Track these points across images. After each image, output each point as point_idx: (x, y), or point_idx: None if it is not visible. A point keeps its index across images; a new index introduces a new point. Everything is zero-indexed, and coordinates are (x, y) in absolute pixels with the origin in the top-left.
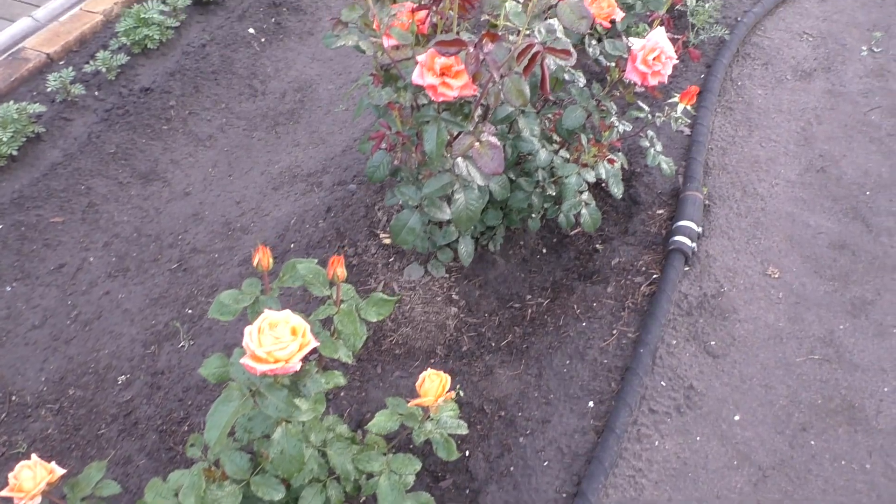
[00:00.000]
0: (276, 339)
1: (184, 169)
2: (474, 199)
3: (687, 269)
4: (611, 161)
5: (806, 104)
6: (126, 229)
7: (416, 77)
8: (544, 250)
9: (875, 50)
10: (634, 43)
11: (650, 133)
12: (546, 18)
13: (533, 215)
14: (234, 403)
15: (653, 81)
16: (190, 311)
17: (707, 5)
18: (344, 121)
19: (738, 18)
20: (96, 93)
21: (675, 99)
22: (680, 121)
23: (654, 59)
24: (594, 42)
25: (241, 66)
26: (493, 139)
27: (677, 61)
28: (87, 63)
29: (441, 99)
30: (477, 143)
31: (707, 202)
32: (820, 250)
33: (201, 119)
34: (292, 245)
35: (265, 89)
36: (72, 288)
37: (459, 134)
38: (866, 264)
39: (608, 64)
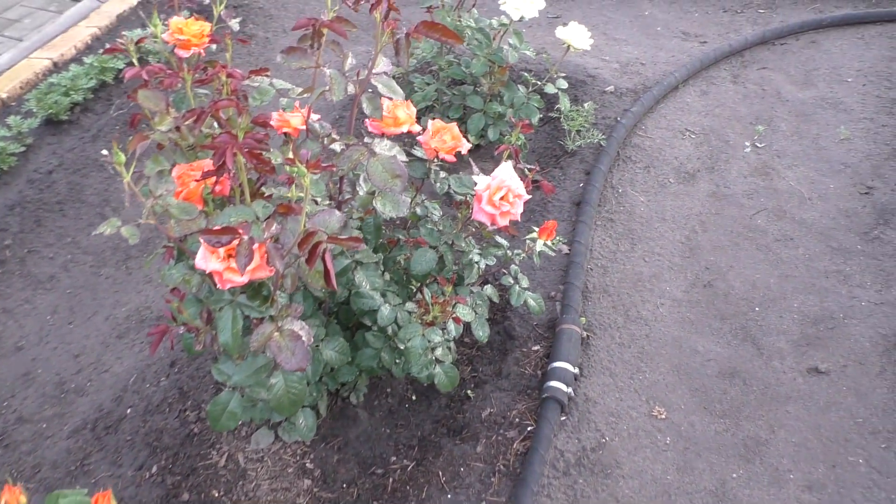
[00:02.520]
0: None
1: (18, 319)
2: (296, 380)
3: (564, 418)
4: (457, 320)
5: (690, 210)
6: None
7: (200, 261)
8: (414, 397)
9: (758, 145)
10: (479, 181)
11: (513, 268)
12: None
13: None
14: None
15: (503, 222)
16: None
17: (585, 105)
18: None
19: (618, 119)
20: None
21: (534, 234)
22: (542, 254)
23: (500, 199)
24: (441, 174)
25: (93, 193)
26: (298, 327)
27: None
28: None
29: (228, 286)
30: (276, 335)
31: (586, 334)
32: (709, 381)
33: (42, 257)
34: (129, 410)
35: (120, 216)
36: None
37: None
38: (758, 394)
39: (458, 199)
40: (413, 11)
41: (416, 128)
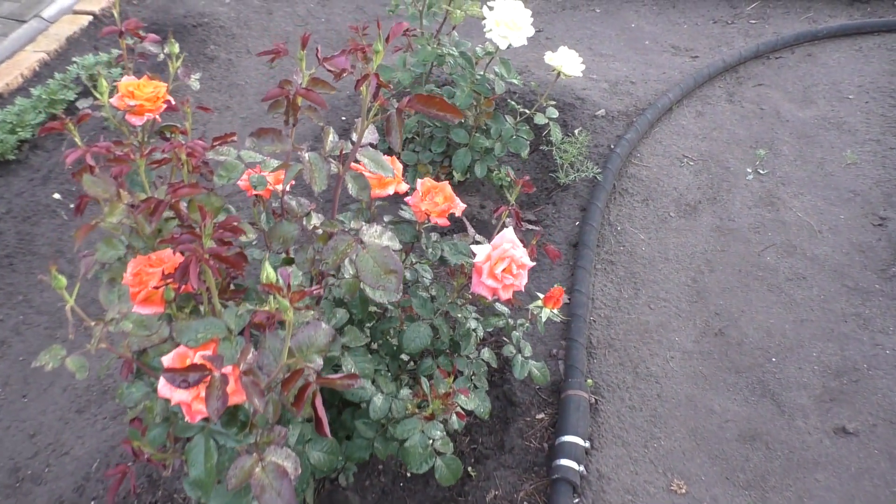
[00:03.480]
0: None
1: None
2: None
3: (577, 500)
4: (460, 416)
5: (694, 248)
6: None
7: (164, 389)
8: (409, 474)
9: (761, 172)
10: (478, 252)
11: (515, 335)
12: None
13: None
14: None
15: (505, 295)
16: None
17: (577, 132)
18: None
19: (611, 147)
20: None
21: (539, 302)
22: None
23: (503, 271)
24: (434, 237)
25: (45, 243)
26: (283, 457)
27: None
28: None
29: (198, 417)
30: (258, 470)
31: (594, 398)
32: (729, 446)
33: None
34: (92, 502)
35: (73, 270)
36: None
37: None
38: (783, 460)
39: (452, 266)
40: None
41: (403, 187)
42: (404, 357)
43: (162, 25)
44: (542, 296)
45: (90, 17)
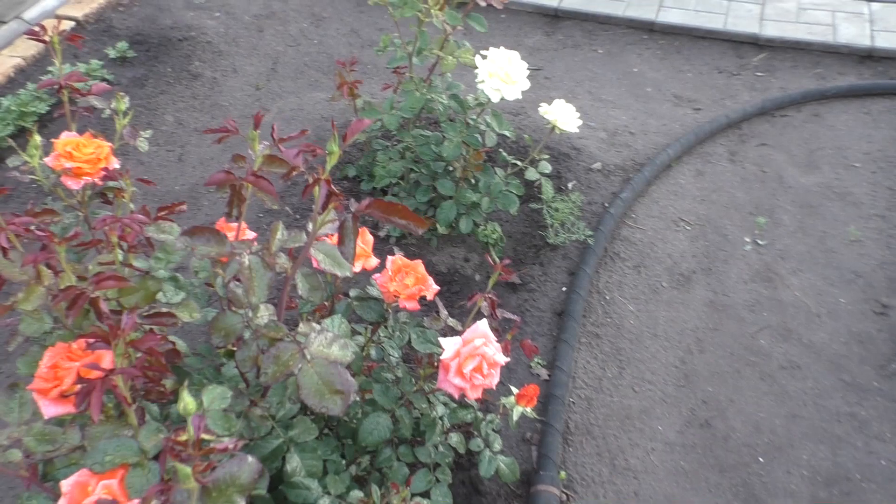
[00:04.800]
0: None
1: None
2: None
3: None
4: None
5: (685, 324)
6: None
7: None
8: None
9: (760, 242)
10: (446, 346)
11: (485, 430)
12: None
13: None
14: None
15: (474, 395)
16: None
17: (570, 187)
18: None
19: (605, 205)
20: None
21: (512, 398)
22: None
23: (473, 370)
24: (401, 319)
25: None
26: None
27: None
28: None
29: None
30: None
31: (565, 494)
32: None
33: None
34: None
35: None
36: None
37: None
38: None
39: (419, 355)
40: (371, 76)
41: (373, 262)
42: (356, 448)
43: (146, 37)
44: (515, 391)
45: (72, 24)
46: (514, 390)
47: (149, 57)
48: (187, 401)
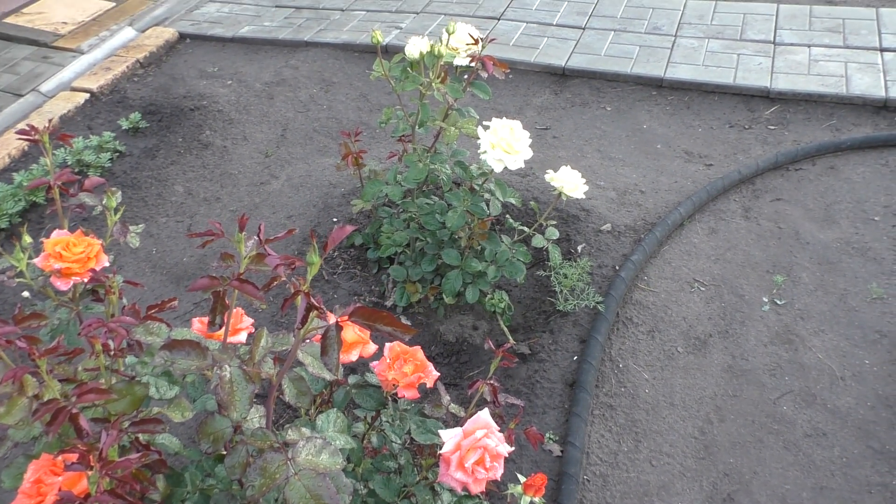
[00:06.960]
0: None
1: None
2: None
3: None
4: None
5: (703, 391)
6: None
7: None
8: None
9: (778, 302)
10: (446, 437)
11: None
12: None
13: None
14: None
15: (477, 489)
16: None
17: (580, 251)
18: None
19: (616, 268)
20: None
21: (519, 487)
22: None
23: (475, 463)
24: (401, 407)
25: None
26: None
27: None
28: None
29: None
30: None
31: None
32: None
33: None
34: None
35: None
36: None
37: None
38: None
39: (420, 444)
40: (380, 139)
41: (371, 348)
42: None
43: (159, 107)
44: (522, 479)
45: (87, 95)
46: (522, 478)
47: (161, 127)
48: None
